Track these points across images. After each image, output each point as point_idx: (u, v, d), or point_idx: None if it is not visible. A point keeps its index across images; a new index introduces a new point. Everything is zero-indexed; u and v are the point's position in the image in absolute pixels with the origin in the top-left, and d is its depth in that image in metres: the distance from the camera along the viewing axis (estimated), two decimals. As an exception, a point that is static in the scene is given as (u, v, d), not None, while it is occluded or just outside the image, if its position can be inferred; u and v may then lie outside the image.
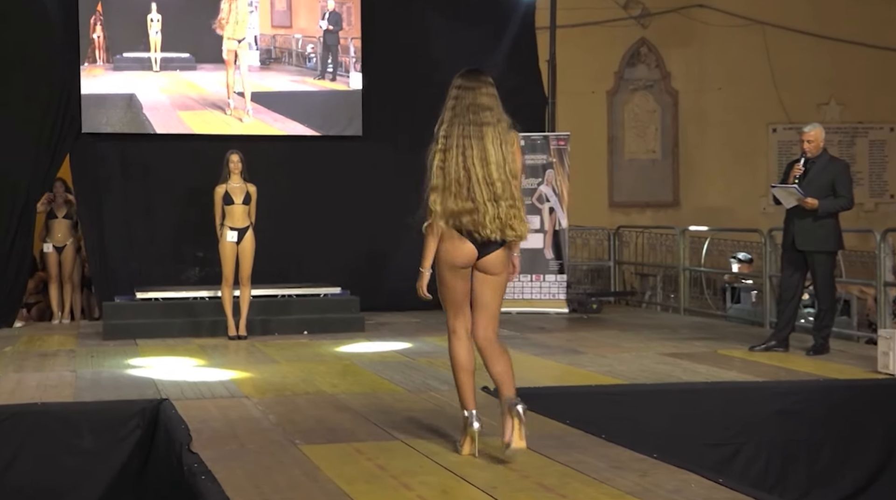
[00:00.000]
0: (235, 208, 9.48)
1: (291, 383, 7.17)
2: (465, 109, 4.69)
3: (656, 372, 7.57)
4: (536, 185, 11.88)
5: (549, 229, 11.81)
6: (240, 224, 9.48)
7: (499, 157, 4.65)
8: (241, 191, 9.51)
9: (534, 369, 7.79)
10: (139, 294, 10.26)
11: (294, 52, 11.90)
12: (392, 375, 7.48)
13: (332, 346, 9.14)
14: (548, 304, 11.72)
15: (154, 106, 11.43)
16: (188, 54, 11.55)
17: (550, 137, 11.91)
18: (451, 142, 4.66)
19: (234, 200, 9.47)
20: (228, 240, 9.43)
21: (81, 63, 11.08)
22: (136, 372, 7.77)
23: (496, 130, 4.68)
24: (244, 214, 9.51)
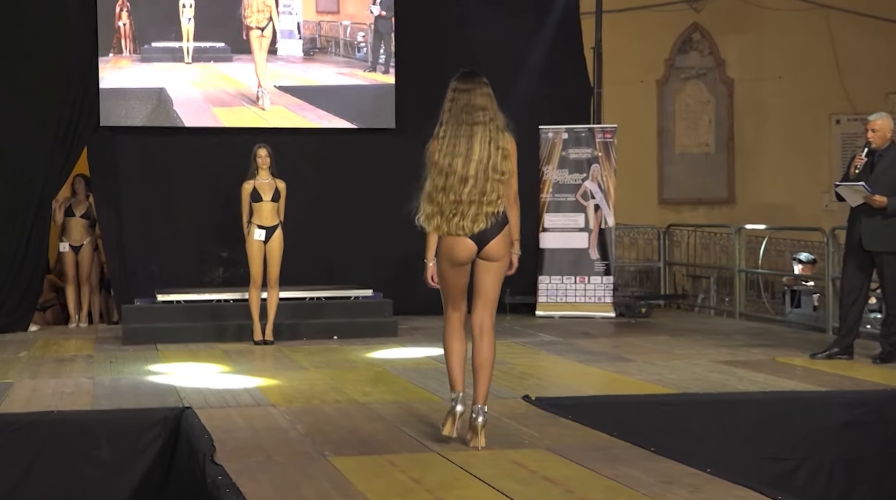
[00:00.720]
0: (264, 206, 9.51)
1: (320, 391, 7.19)
2: (460, 109, 5.25)
3: (710, 381, 7.52)
4: (581, 180, 11.84)
5: (594, 228, 11.77)
6: (268, 222, 9.51)
7: (483, 155, 5.20)
8: (269, 187, 9.53)
9: (578, 377, 7.77)
10: (160, 296, 10.34)
11: (342, 40, 11.61)
12: (427, 382, 7.48)
13: (363, 352, 9.16)
14: (593, 307, 11.69)
15: (185, 102, 11.27)
16: (223, 44, 11.36)
17: (596, 130, 11.87)
18: (445, 139, 5.24)
19: (263, 197, 9.51)
20: (256, 238, 9.46)
21: (106, 54, 11.07)
22: (157, 379, 7.82)
23: (486, 129, 5.23)
24: (273, 211, 9.53)
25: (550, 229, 11.89)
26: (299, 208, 10.59)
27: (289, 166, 10.25)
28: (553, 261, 11.86)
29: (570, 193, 11.85)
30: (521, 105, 12.16)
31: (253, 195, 9.49)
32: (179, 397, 6.95)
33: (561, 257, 11.87)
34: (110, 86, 11.12)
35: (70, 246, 11.18)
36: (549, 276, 11.85)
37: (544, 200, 11.92)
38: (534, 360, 8.71)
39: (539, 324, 11.23)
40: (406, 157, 12.01)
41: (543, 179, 11.93)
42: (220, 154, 11.36)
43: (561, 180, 11.89)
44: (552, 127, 11.88)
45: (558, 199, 11.89)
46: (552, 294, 11.84)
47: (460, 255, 5.27)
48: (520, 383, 7.43)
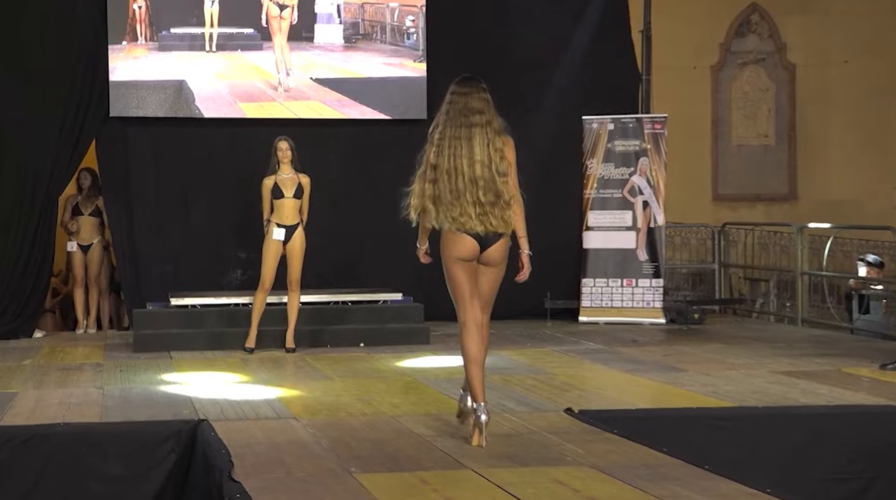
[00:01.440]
0: (285, 203, 9.51)
1: (346, 403, 7.22)
2: (457, 112, 5.82)
3: (769, 394, 7.48)
4: (628, 175, 11.80)
5: (642, 227, 11.73)
6: (289, 221, 9.52)
7: (484, 156, 5.80)
8: (292, 183, 9.53)
9: (625, 389, 7.76)
10: (174, 300, 10.40)
11: (388, 25, 11.30)
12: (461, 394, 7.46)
13: (392, 360, 9.18)
14: (641, 313, 11.66)
15: (209, 96, 11.14)
16: (252, 30, 11.14)
17: (645, 120, 11.83)
18: (444, 143, 5.78)
19: (285, 194, 9.51)
20: (275, 238, 9.46)
21: (118, 41, 11.08)
22: (171, 389, 7.87)
23: (484, 131, 5.81)
24: (295, 209, 9.54)
25: (595, 228, 11.86)
26: (323, 205, 10.63)
27: (313, 159, 10.29)
28: (598, 262, 11.84)
29: (617, 189, 11.83)
30: (564, 94, 12.20)
31: (274, 191, 9.49)
32: (194, 409, 6.97)
33: (606, 258, 11.84)
34: (123, 78, 11.08)
35: (79, 245, 11.27)
36: (593, 278, 11.83)
37: (588, 197, 11.89)
38: (577, 370, 8.69)
39: (582, 331, 11.21)
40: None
41: (587, 174, 11.90)
42: (239, 147, 11.43)
43: (606, 175, 11.86)
44: (597, 117, 11.85)
45: (603, 195, 11.86)
46: (596, 298, 11.81)
47: (468, 252, 5.80)
48: (561, 394, 7.42)
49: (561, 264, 12.14)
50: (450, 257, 5.83)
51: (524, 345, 10.18)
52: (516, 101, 12.09)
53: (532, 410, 6.87)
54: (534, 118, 12.15)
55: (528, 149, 12.11)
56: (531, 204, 11.96)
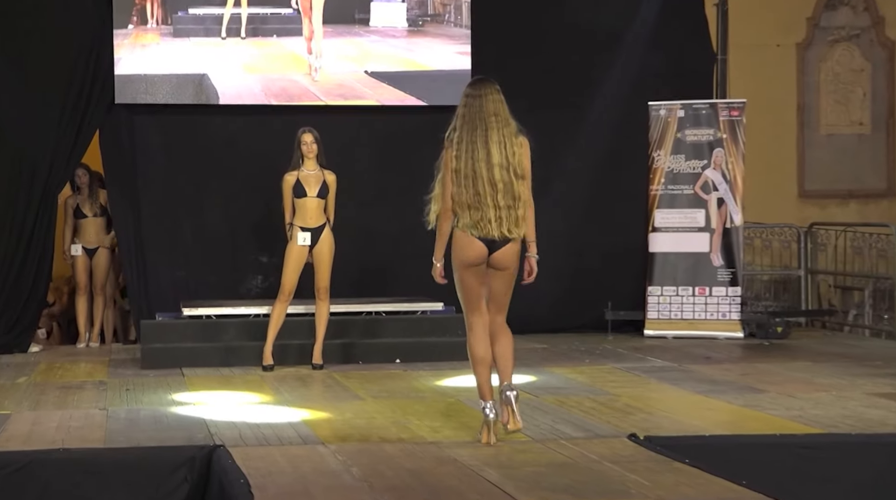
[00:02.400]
0: (308, 203, 9.51)
1: (380, 427, 7.23)
2: (473, 115, 6.50)
3: (864, 419, 7.42)
4: (700, 169, 11.76)
5: (717, 227, 11.68)
6: (313, 222, 9.55)
7: (502, 159, 6.47)
8: (316, 180, 9.55)
9: (697, 412, 7.72)
10: (186, 310, 10.45)
11: (464, 4, 10.92)
12: (510, 417, 7.48)
13: (432, 378, 9.19)
14: (716, 326, 11.61)
15: (236, 94, 10.97)
16: (291, 9, 10.80)
17: (720, 106, 11.78)
18: (462, 146, 6.46)
19: (307, 192, 9.53)
20: (300, 243, 9.49)
21: (124, 25, 11.11)
22: (183, 410, 7.91)
23: (501, 134, 6.48)
24: (319, 209, 9.55)
25: (662, 229, 11.83)
26: (354, 203, 10.66)
27: (342, 151, 10.30)
28: (665, 268, 11.81)
29: (688, 185, 11.79)
30: (627, 77, 12.19)
31: (296, 189, 9.50)
32: (210, 433, 7.01)
33: (675, 263, 11.80)
34: (129, 71, 11.05)
35: (83, 248, 11.35)
36: (660, 286, 11.81)
37: (655, 194, 11.85)
38: (642, 390, 8.68)
39: (648, 346, 11.18)
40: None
41: (654, 168, 11.86)
42: (261, 137, 11.50)
43: (676, 169, 11.82)
44: (665, 103, 11.82)
45: (672, 191, 11.83)
46: (664, 309, 11.78)
47: (476, 256, 6.50)
48: (624, 418, 7.41)
49: (623, 270, 12.11)
50: (458, 261, 6.54)
51: (581, 362, 10.17)
52: (573, 85, 12.10)
53: (591, 436, 6.86)
54: (593, 105, 12.14)
55: (587, 140, 12.25)
56: (589, 201, 12.20)
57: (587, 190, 12.24)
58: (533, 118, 11.91)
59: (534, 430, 7.03)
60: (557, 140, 12.08)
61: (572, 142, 12.16)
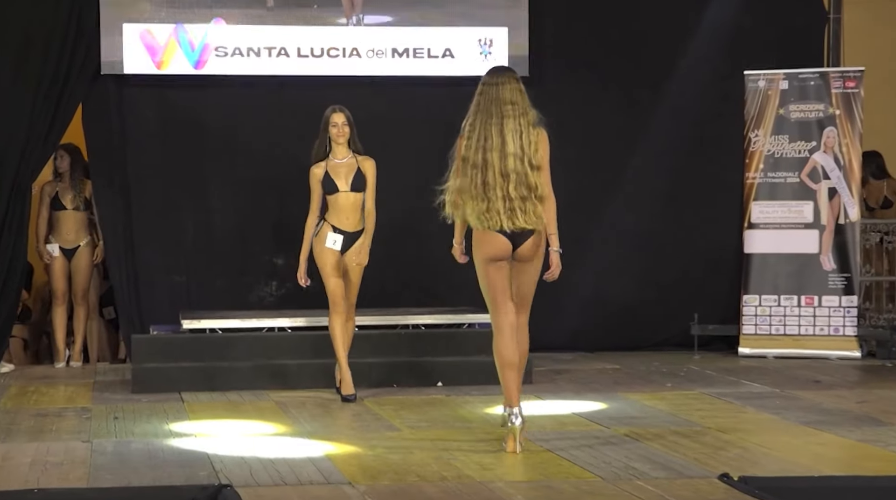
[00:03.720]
0: (341, 200, 9.29)
1: (419, 464, 7.19)
2: (489, 103, 7.33)
3: None
4: (808, 152, 11.67)
5: (827, 224, 11.60)
6: (350, 224, 9.30)
7: (517, 148, 7.27)
8: (348, 170, 9.31)
9: (804, 448, 7.66)
10: (186, 323, 10.45)
11: None
12: (576, 453, 7.44)
13: (480, 405, 9.16)
14: (826, 343, 11.54)
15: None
16: None
17: (831, 76, 11.69)
18: (474, 134, 7.31)
19: (339, 186, 9.31)
20: (327, 245, 9.33)
21: None
22: (183, 443, 7.90)
23: (517, 123, 7.29)
24: (356, 207, 9.31)
25: (761, 226, 11.77)
26: (388, 196, 10.61)
27: (373, 134, 10.25)
28: (765, 273, 11.75)
29: (793, 171, 11.72)
30: (717, 42, 12.13)
31: (325, 183, 9.33)
32: (214, 471, 7.00)
33: (777, 267, 11.74)
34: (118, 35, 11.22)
35: (60, 249, 11.32)
36: (758, 295, 11.74)
37: (752, 182, 11.79)
38: (736, 421, 8.62)
39: (744, 367, 11.11)
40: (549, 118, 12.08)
41: (751, 151, 11.80)
42: (279, 115, 11.53)
43: (778, 152, 11.74)
44: (764, 72, 11.75)
45: (773, 180, 11.76)
46: (763, 323, 11.71)
47: (499, 250, 7.32)
48: (715, 455, 7.36)
49: (713, 275, 12.05)
50: (481, 256, 7.36)
51: (662, 386, 10.13)
52: (651, 56, 12.04)
53: (674, 475, 6.81)
54: (675, 78, 12.07)
55: (668, 120, 12.17)
56: (671, 193, 12.13)
57: (669, 180, 12.19)
58: (603, 96, 12.10)
59: (604, 469, 7.00)
60: (633, 121, 12.05)
61: (650, 123, 12.15)
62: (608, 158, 12.09)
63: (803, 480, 6.67)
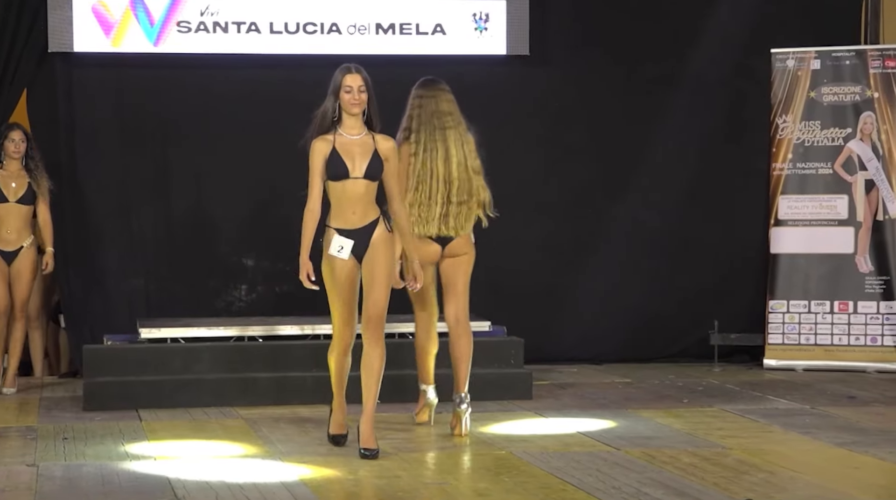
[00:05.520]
0: (350, 188, 8.03)
1: (406, 489, 7.17)
2: (429, 115, 8.59)
3: None
4: (842, 140, 11.67)
5: (864, 220, 11.62)
6: (359, 219, 8.06)
7: (461, 156, 8.59)
8: (363, 150, 8.00)
9: (838, 472, 7.66)
10: (145, 332, 10.42)
11: None
12: (582, 476, 7.44)
13: (476, 423, 9.09)
14: (863, 354, 11.56)
15: None
16: None
17: (870, 54, 11.70)
18: (420, 148, 8.52)
19: (350, 170, 8.01)
20: (333, 253, 8.07)
21: None
22: (140, 467, 7.86)
23: (457, 132, 8.62)
24: (368, 197, 8.07)
25: (789, 222, 11.80)
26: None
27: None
28: (793, 275, 11.79)
29: (825, 162, 11.73)
30: (742, 15, 12.12)
31: (330, 165, 8.01)
32: (176, 498, 6.97)
33: (808, 268, 11.77)
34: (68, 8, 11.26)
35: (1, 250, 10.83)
36: (786, 301, 11.76)
37: (779, 174, 11.81)
38: (762, 441, 8.63)
39: (770, 380, 11.13)
40: (553, 100, 12.11)
41: (778, 138, 11.81)
42: (251, 98, 11.53)
43: (809, 140, 11.76)
44: (794, 50, 11.77)
45: (803, 171, 11.78)
46: (792, 331, 11.72)
47: (428, 256, 8.57)
48: (738, 479, 7.35)
49: (736, 278, 12.08)
50: None
51: (679, 402, 10.15)
52: (669, 28, 12.05)
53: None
54: (696, 57, 12.08)
55: (689, 105, 12.17)
56: (689, 186, 12.13)
57: (687, 172, 12.22)
58: (613, 77, 12.10)
59: (613, 494, 6.99)
60: (646, 105, 12.06)
61: (666, 107, 12.19)
62: (618, 147, 12.10)
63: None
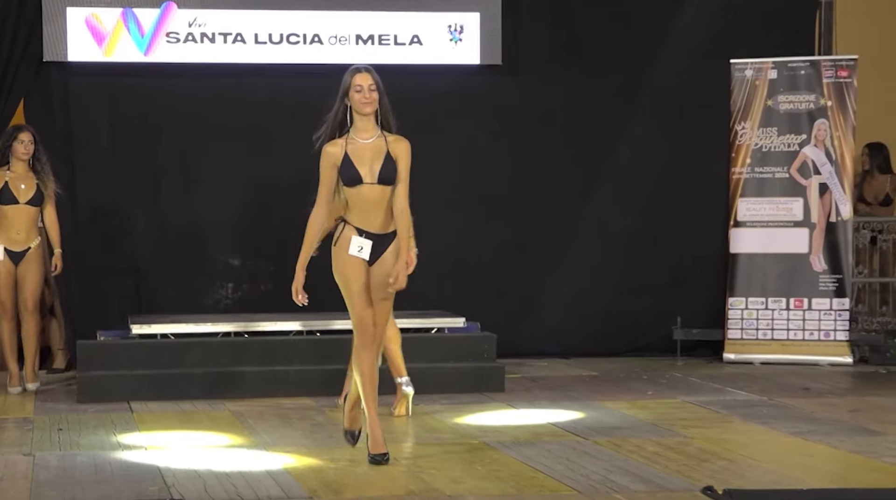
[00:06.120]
0: (366, 194, 7.56)
1: (385, 477, 7.21)
2: None
3: None
4: (798, 146, 11.71)
5: (818, 221, 11.66)
6: (378, 224, 7.62)
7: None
8: (375, 153, 7.55)
9: (793, 460, 7.69)
10: (136, 328, 10.45)
11: None
12: (552, 464, 7.48)
13: (451, 415, 9.18)
14: (817, 348, 11.61)
15: None
16: None
17: (824, 65, 11.74)
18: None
19: (362, 176, 7.53)
20: (352, 252, 7.63)
21: None
22: (131, 456, 7.89)
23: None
24: (384, 202, 7.60)
25: (748, 224, 11.84)
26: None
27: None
28: (752, 274, 11.82)
29: (782, 166, 11.78)
30: (700, 29, 12.10)
31: (344, 170, 7.56)
32: (166, 486, 6.99)
33: (765, 267, 11.82)
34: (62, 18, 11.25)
35: (6, 250, 10.44)
36: (744, 298, 11.81)
37: (739, 177, 11.84)
38: (721, 430, 8.66)
39: (729, 373, 11.17)
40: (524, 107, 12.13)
41: (737, 144, 11.84)
42: (234, 108, 11.52)
43: (766, 145, 11.81)
44: (752, 61, 11.81)
45: (761, 175, 11.83)
46: (750, 327, 11.78)
47: None
48: (699, 467, 7.39)
49: (698, 276, 12.07)
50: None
51: (643, 394, 10.17)
52: (633, 38, 12.04)
53: (655, 489, 6.85)
54: (658, 64, 12.09)
55: (651, 111, 12.18)
56: (652, 189, 12.14)
57: (652, 176, 12.19)
58: (581, 83, 12.11)
59: (581, 482, 7.02)
60: (611, 111, 12.05)
61: (631, 114, 12.21)
62: (587, 152, 12.09)
63: (792, 493, 6.71)
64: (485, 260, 11.83)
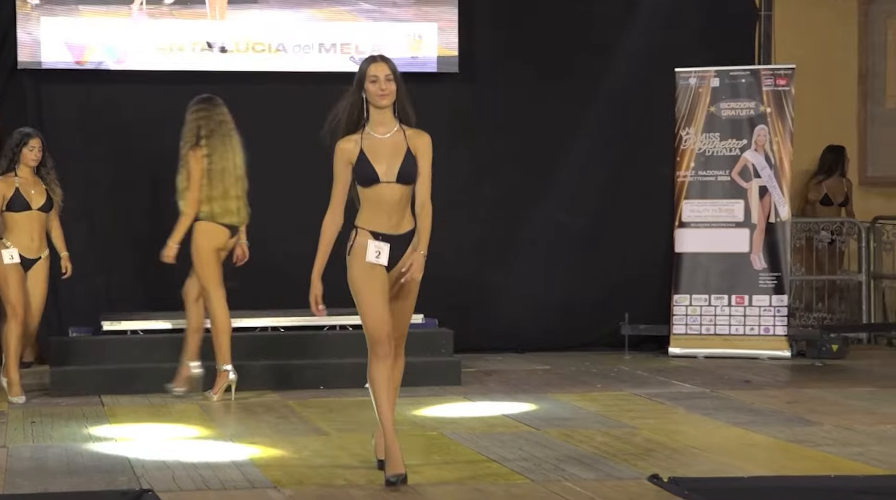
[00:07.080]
0: (383, 193, 6.81)
1: (346, 467, 7.23)
2: (215, 126, 9.61)
3: (937, 456, 7.44)
4: (739, 150, 11.78)
5: (758, 222, 11.72)
6: (395, 224, 6.87)
7: (242, 160, 9.66)
8: (393, 150, 6.80)
9: (733, 449, 7.74)
10: (107, 324, 10.45)
11: None
12: (505, 454, 7.51)
13: (409, 407, 9.18)
14: (757, 343, 11.67)
15: None
16: None
17: (763, 73, 11.80)
18: (212, 149, 9.55)
19: (380, 174, 6.77)
20: (370, 259, 6.84)
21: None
22: (102, 448, 7.89)
23: (235, 140, 9.66)
24: (404, 201, 6.88)
25: (692, 224, 11.90)
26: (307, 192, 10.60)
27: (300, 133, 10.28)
28: (696, 272, 11.88)
29: (723, 170, 11.84)
30: (647, 38, 12.16)
31: (359, 168, 6.81)
32: (135, 476, 6.99)
33: (708, 266, 11.87)
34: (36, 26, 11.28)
35: (21, 257, 9.79)
36: (688, 295, 11.87)
37: (683, 180, 11.89)
38: (667, 421, 8.72)
39: (674, 367, 11.23)
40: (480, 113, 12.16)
41: (682, 149, 11.89)
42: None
43: (709, 150, 11.86)
44: (696, 69, 11.87)
45: (704, 178, 11.88)
46: (694, 323, 11.84)
47: (227, 243, 9.63)
48: (645, 456, 7.44)
49: (644, 274, 12.13)
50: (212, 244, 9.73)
51: (593, 386, 10.22)
52: (582, 49, 12.10)
53: (604, 476, 6.89)
54: (606, 73, 12.13)
55: (599, 116, 12.24)
56: (601, 190, 12.21)
57: (599, 178, 12.26)
58: (534, 90, 12.15)
59: (534, 471, 7.05)
60: (563, 117, 12.09)
61: (580, 119, 12.24)
62: (540, 156, 12.14)
63: (733, 480, 6.75)
64: (443, 260, 11.76)
